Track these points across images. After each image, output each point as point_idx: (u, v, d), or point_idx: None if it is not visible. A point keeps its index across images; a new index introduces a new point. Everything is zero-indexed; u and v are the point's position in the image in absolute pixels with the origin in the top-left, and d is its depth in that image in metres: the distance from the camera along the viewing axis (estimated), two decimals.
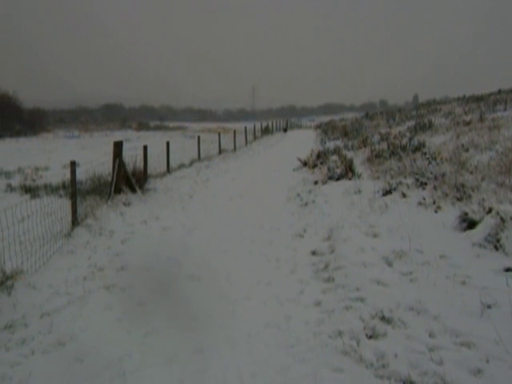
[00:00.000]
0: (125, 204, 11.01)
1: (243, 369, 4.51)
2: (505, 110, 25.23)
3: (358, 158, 17.51)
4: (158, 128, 79.71)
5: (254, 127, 39.67)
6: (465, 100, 40.31)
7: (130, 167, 12.37)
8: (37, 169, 20.45)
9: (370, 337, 4.84)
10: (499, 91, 40.72)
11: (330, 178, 13.95)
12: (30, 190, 13.44)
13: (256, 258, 7.92)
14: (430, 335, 4.68)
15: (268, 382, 4.29)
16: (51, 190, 13.34)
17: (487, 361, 4.11)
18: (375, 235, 8.04)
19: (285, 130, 55.17)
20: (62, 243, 8.04)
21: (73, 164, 9.16)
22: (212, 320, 5.54)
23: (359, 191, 11.60)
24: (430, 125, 23.60)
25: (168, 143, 18.21)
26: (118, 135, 50.73)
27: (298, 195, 12.83)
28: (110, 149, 11.91)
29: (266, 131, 46.97)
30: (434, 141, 18.02)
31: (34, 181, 16.47)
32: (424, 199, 9.54)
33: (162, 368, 4.56)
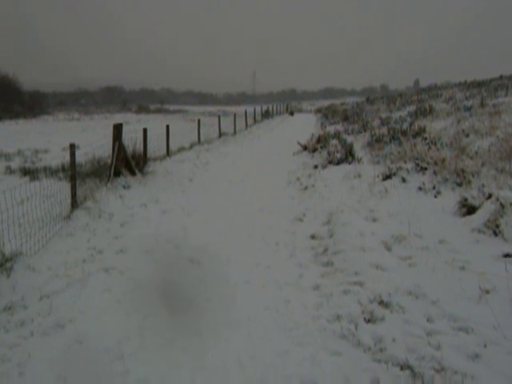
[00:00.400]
0: (124, 187, 11.00)
1: (242, 352, 4.54)
2: (506, 95, 25.15)
3: (358, 143, 17.49)
4: (158, 111, 79.31)
5: (255, 111, 39.58)
6: (466, 85, 40.17)
7: (129, 150, 12.33)
8: (36, 151, 20.38)
9: (368, 321, 4.86)
10: (501, 77, 40.60)
11: (330, 163, 13.94)
12: (30, 173, 13.41)
13: (255, 241, 7.94)
14: (428, 320, 4.70)
15: (267, 364, 4.31)
16: (51, 172, 13.31)
17: (485, 346, 4.13)
18: (375, 220, 8.05)
19: (291, 114, 55.33)
20: (62, 226, 8.04)
21: (72, 146, 9.13)
22: (211, 303, 5.56)
23: (359, 176, 11.60)
24: (431, 110, 23.54)
25: (168, 126, 18.12)
26: (118, 118, 50.57)
27: (298, 179, 12.83)
28: (110, 131, 11.87)
29: (267, 115, 46.90)
30: (434, 126, 17.97)
31: (33, 163, 16.43)
32: (424, 184, 9.54)
33: (161, 351, 4.58)
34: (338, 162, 13.78)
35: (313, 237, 7.94)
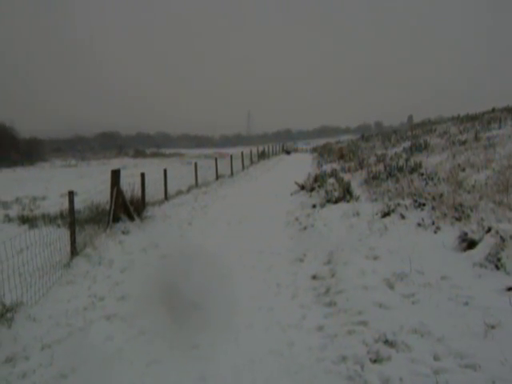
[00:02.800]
0: (123, 232, 10.99)
1: None
2: (499, 128, 25.35)
3: (355, 181, 17.54)
4: (154, 155, 79.78)
5: (251, 152, 39.76)
6: (459, 119, 40.49)
7: (127, 195, 12.35)
8: (34, 198, 20.42)
9: (375, 361, 4.81)
10: (493, 109, 40.91)
11: (328, 201, 13.94)
12: (28, 221, 13.39)
13: (257, 283, 7.90)
14: (435, 358, 4.65)
15: None
16: (49, 219, 13.29)
17: (493, 382, 4.08)
18: (375, 258, 8.02)
19: (288, 153, 56.21)
20: (62, 273, 8.00)
21: (71, 194, 9.15)
22: (214, 348, 5.50)
23: (358, 214, 11.59)
24: (426, 145, 23.69)
25: (165, 170, 18.19)
26: (115, 163, 50.86)
27: (297, 219, 12.82)
28: (108, 177, 11.90)
29: (263, 155, 47.13)
30: (430, 161, 18.08)
31: (31, 211, 16.44)
32: (423, 220, 9.54)
33: None
34: (336, 201, 13.78)
35: (314, 277, 7.91)
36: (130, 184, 12.91)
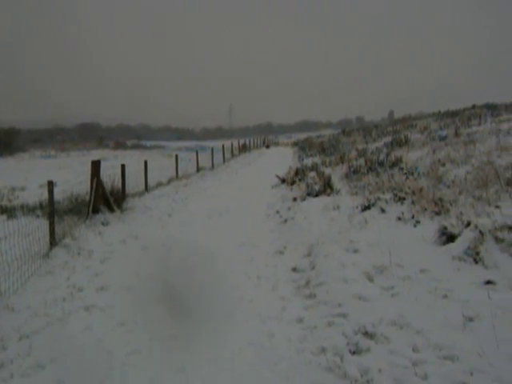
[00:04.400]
0: (103, 223, 10.92)
1: None
2: (479, 124, 25.58)
3: (336, 174, 17.58)
4: (135, 147, 79.09)
5: (232, 145, 39.71)
6: (440, 115, 40.79)
7: (107, 186, 12.28)
8: (13, 189, 20.20)
9: (354, 352, 4.83)
10: (473, 106, 41.31)
11: (309, 195, 13.95)
12: (7, 211, 13.23)
13: (237, 276, 7.88)
14: (414, 349, 4.68)
15: None
16: (28, 210, 13.15)
17: (471, 374, 4.12)
18: (355, 251, 8.05)
19: (267, 147, 55.98)
20: (40, 264, 7.93)
21: (50, 184, 9.06)
22: (194, 339, 5.49)
23: (338, 207, 11.62)
24: (407, 140, 23.83)
25: (146, 162, 18.08)
26: (95, 154, 50.40)
27: (278, 212, 12.83)
28: (88, 168, 11.81)
29: (244, 149, 47.09)
30: (410, 156, 18.19)
31: (10, 201, 16.26)
32: (403, 214, 9.58)
33: None
34: (317, 194, 13.80)
35: (294, 269, 7.93)
36: (110, 175, 12.84)
